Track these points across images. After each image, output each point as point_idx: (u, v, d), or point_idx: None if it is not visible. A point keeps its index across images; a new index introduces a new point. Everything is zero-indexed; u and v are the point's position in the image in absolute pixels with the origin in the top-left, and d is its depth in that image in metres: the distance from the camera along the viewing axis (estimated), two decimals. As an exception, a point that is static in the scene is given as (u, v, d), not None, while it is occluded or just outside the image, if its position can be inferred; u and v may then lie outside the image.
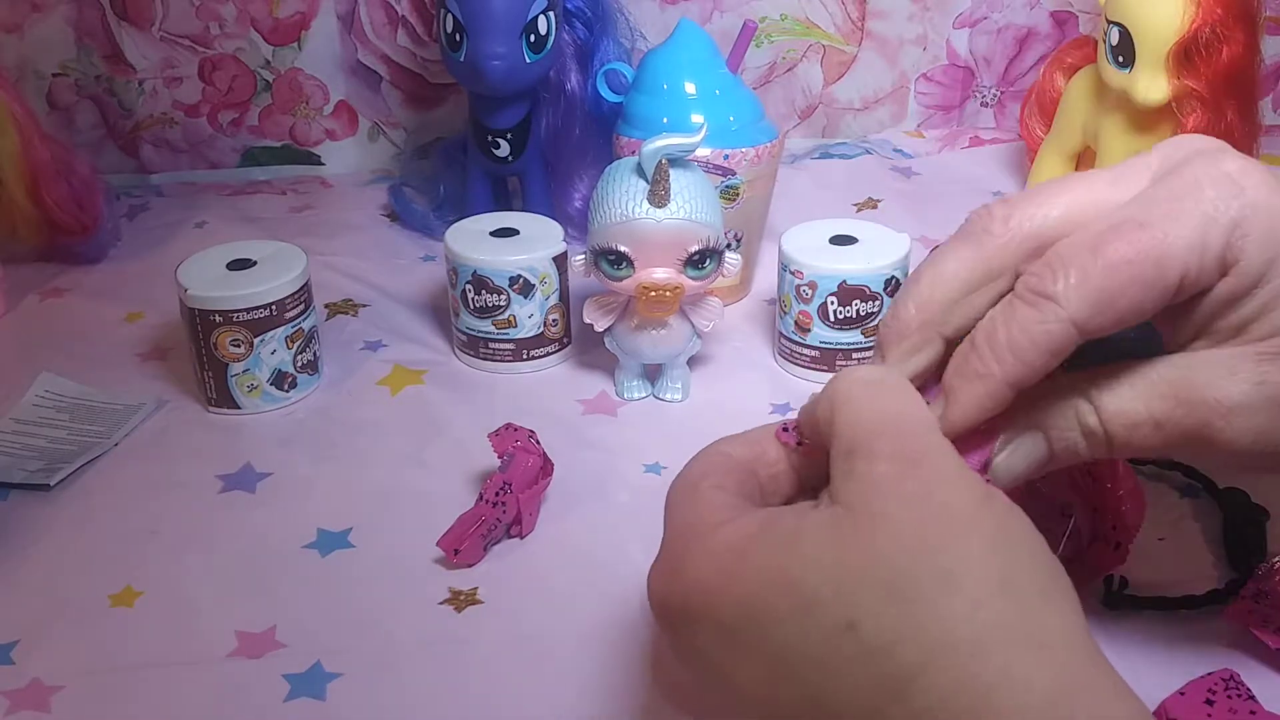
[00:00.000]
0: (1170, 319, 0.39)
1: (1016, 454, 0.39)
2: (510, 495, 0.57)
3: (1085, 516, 0.50)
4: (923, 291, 0.39)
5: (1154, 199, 0.37)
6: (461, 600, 0.54)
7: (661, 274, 0.63)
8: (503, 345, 0.71)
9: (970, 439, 0.39)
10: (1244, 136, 0.78)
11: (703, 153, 0.72)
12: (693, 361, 0.70)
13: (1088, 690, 0.31)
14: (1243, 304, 0.37)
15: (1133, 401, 0.38)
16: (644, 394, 0.70)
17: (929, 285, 0.39)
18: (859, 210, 0.92)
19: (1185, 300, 0.38)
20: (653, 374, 0.70)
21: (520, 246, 0.70)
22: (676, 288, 0.64)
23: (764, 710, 0.35)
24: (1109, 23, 0.77)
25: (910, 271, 0.70)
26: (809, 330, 0.69)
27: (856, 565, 0.33)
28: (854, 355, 0.69)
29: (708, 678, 0.36)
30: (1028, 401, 0.39)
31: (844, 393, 0.37)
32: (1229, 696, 0.45)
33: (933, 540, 0.32)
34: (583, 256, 0.66)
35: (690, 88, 0.75)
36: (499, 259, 0.69)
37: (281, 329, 0.66)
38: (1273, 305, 0.37)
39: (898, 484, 0.34)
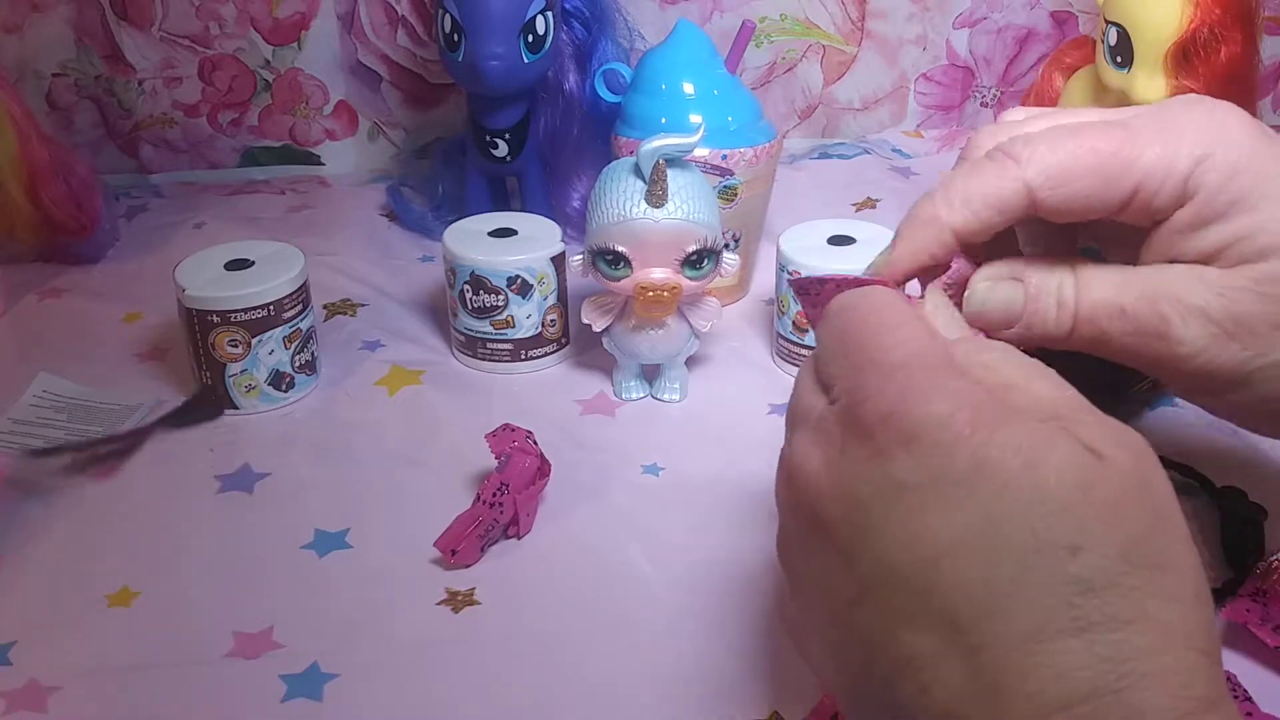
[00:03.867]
0: (1135, 243, 0.41)
1: (995, 292, 0.41)
2: (508, 496, 0.57)
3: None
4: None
5: (1144, 117, 0.41)
6: (459, 601, 0.54)
7: (659, 274, 0.63)
8: (501, 345, 0.71)
9: None
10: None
11: (701, 153, 0.72)
12: (691, 362, 0.70)
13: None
14: (1203, 235, 0.39)
15: (1108, 286, 0.40)
16: (642, 394, 0.70)
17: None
18: (857, 210, 0.92)
19: (1149, 224, 0.40)
20: (651, 374, 0.70)
21: (518, 247, 0.70)
22: (674, 288, 0.64)
23: (916, 564, 0.31)
24: (1107, 23, 0.77)
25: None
26: (807, 330, 0.69)
27: (1104, 504, 0.31)
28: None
29: (874, 505, 0.32)
30: (1023, 260, 0.42)
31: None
32: (1225, 697, 0.45)
33: (1160, 529, 0.32)
34: (580, 256, 0.66)
35: (688, 88, 0.75)
36: (497, 259, 0.69)
37: (279, 329, 0.66)
38: (1236, 242, 0.39)
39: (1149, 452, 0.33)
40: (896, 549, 0.32)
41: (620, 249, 0.63)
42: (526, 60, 0.78)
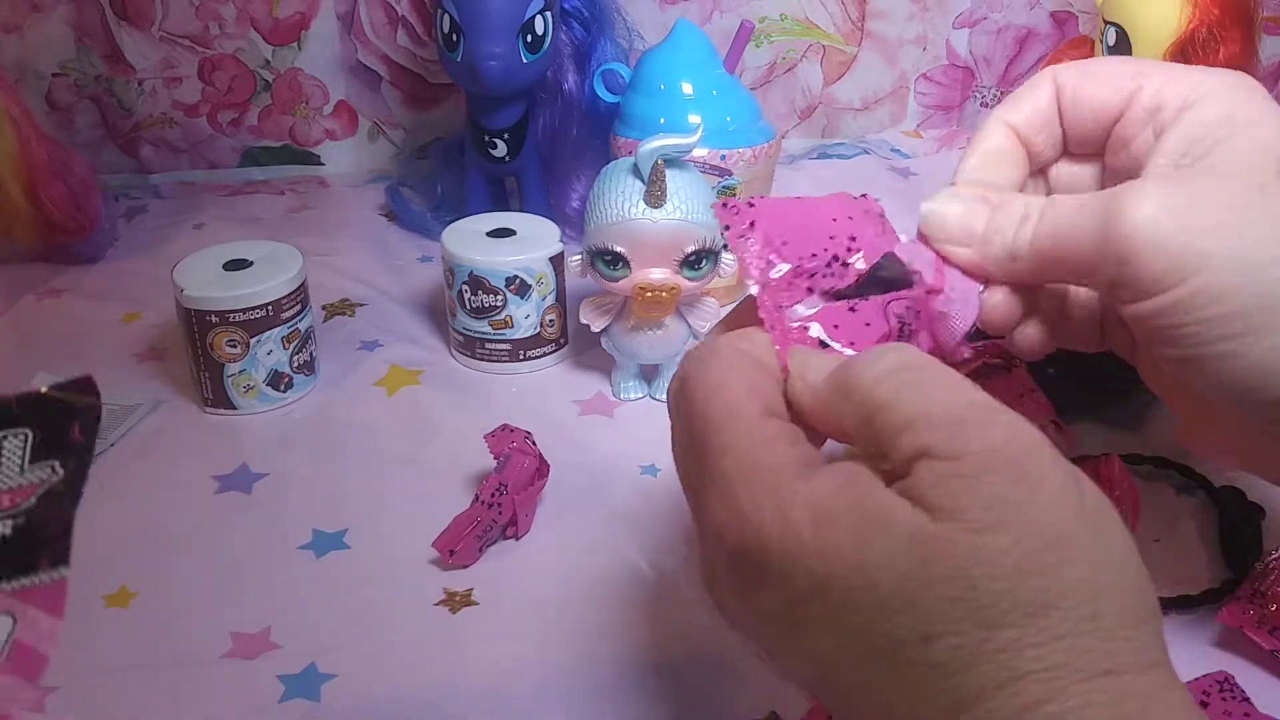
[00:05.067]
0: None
1: (953, 204, 0.42)
2: (506, 496, 0.57)
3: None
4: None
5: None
6: (457, 601, 0.54)
7: (658, 274, 0.63)
8: (499, 346, 0.71)
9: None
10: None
11: (700, 153, 0.72)
12: (689, 362, 0.70)
13: (1148, 716, 0.30)
14: (1164, 140, 0.41)
15: (1069, 198, 0.39)
16: (640, 394, 0.70)
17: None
18: (857, 210, 0.92)
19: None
20: (649, 374, 0.70)
21: (517, 247, 0.70)
22: (673, 288, 0.64)
23: (816, 677, 0.33)
24: (1106, 23, 0.77)
25: None
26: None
27: (942, 583, 0.30)
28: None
29: (765, 634, 0.34)
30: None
31: (891, 371, 0.34)
32: (1224, 699, 0.45)
33: (1030, 568, 0.30)
34: (579, 257, 0.66)
35: (687, 88, 0.75)
36: (495, 259, 0.69)
37: (277, 329, 0.66)
38: (1196, 140, 0.40)
39: (998, 500, 0.30)
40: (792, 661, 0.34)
41: (618, 249, 0.63)
42: (525, 60, 0.78)
